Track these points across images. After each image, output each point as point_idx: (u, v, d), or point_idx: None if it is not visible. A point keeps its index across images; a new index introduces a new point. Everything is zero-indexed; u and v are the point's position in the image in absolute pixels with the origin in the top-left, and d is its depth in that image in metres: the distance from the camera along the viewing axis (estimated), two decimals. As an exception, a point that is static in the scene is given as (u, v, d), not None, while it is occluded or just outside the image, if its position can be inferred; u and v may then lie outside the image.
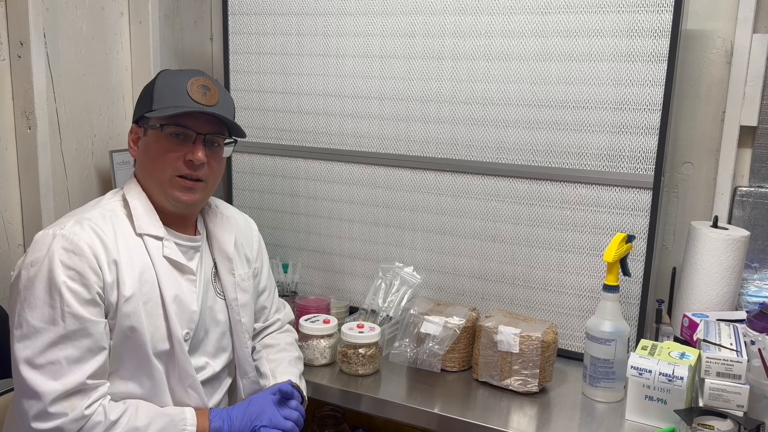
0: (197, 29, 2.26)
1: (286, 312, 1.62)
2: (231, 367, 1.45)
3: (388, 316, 1.71)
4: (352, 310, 1.86)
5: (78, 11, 1.85)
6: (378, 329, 1.59)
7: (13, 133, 1.72)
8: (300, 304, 1.76)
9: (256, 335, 1.53)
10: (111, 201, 1.33)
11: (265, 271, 1.55)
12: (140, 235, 1.29)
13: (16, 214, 1.75)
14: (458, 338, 1.57)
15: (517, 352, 1.49)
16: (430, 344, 1.56)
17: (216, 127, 1.34)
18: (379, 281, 1.75)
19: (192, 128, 1.30)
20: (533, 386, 1.49)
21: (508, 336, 1.50)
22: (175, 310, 1.29)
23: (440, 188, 1.78)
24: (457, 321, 1.58)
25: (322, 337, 1.62)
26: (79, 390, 1.17)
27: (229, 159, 2.04)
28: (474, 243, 1.76)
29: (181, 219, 1.37)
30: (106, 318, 1.22)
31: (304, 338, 1.63)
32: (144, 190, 1.34)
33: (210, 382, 1.38)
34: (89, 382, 1.18)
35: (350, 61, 1.83)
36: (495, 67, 1.66)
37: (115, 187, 1.81)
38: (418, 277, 1.74)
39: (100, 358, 1.20)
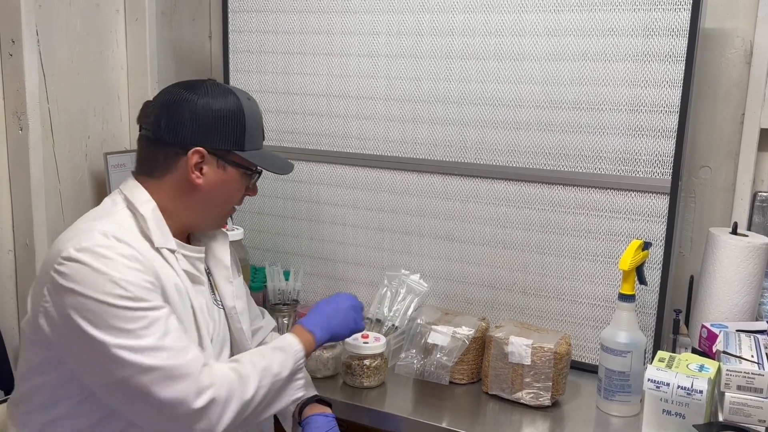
0: (195, 27, 2.24)
1: (267, 320, 1.58)
2: None
3: (393, 325, 1.68)
4: (356, 319, 1.82)
5: (72, 8, 1.82)
6: (383, 339, 1.57)
7: (4, 135, 1.69)
8: (302, 312, 1.72)
9: None
10: (118, 213, 1.24)
11: (242, 278, 1.53)
12: (157, 249, 1.24)
13: (7, 218, 1.71)
14: (467, 349, 1.55)
15: (529, 363, 1.46)
16: (438, 355, 1.54)
17: None
18: (385, 289, 1.73)
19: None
20: (546, 399, 1.46)
21: (520, 347, 1.47)
22: (203, 321, 1.28)
23: (448, 193, 1.74)
24: (466, 331, 1.55)
25: (324, 347, 1.58)
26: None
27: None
28: (483, 250, 1.72)
29: (184, 232, 1.35)
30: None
31: (306, 349, 1.59)
32: (169, 207, 1.27)
33: None
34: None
35: (355, 60, 1.80)
36: (506, 67, 1.63)
37: (110, 191, 1.77)
38: (425, 285, 1.71)
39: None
